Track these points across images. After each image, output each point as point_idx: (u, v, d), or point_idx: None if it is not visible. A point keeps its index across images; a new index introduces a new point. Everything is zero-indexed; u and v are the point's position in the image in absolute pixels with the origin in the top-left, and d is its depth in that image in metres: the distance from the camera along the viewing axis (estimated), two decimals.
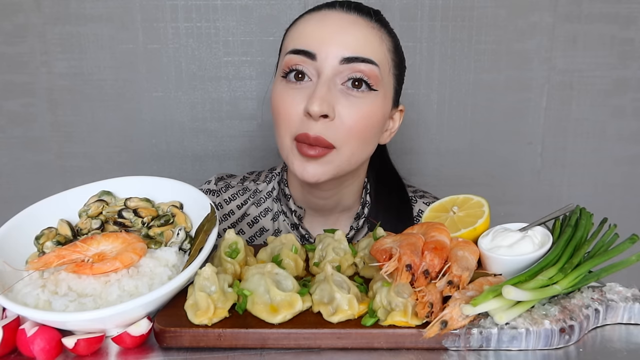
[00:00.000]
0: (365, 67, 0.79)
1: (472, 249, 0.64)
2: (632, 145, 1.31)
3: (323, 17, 0.82)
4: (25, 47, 1.21)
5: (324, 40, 0.79)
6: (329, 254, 0.69)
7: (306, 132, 0.78)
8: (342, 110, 0.79)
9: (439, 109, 1.28)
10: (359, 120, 0.79)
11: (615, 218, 0.70)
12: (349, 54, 0.78)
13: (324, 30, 0.80)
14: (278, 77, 0.84)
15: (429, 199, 0.99)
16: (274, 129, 0.85)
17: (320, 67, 0.79)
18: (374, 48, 0.81)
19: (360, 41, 0.80)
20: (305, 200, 0.93)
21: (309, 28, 0.82)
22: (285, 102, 0.81)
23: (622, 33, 1.24)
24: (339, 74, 0.79)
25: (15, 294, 0.60)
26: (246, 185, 0.98)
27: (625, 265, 0.61)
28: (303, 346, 0.57)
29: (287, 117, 0.80)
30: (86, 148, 1.27)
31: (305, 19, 0.84)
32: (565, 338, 0.57)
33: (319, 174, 0.80)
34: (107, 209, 0.73)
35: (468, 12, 1.22)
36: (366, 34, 0.81)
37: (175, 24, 1.21)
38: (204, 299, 0.58)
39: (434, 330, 0.55)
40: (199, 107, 1.26)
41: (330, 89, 0.78)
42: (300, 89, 0.80)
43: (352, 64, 0.78)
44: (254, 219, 0.96)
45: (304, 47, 0.80)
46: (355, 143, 0.81)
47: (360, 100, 0.80)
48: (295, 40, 0.82)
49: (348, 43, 0.79)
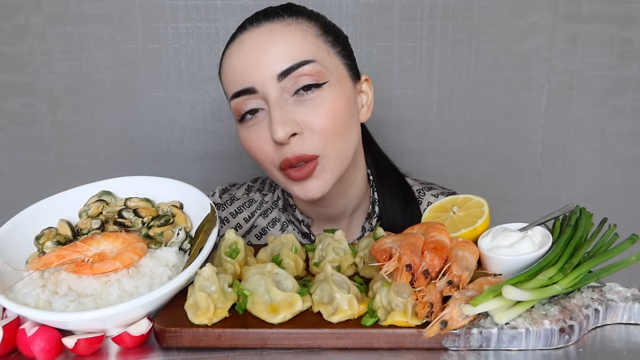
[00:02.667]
0: (303, 69, 0.76)
1: (472, 249, 0.64)
2: (632, 145, 1.31)
3: (239, 45, 0.79)
4: (25, 47, 1.21)
5: (252, 69, 0.76)
6: (329, 254, 0.69)
7: (285, 157, 0.76)
8: (304, 118, 0.76)
9: (439, 109, 1.28)
10: (326, 119, 0.77)
11: (615, 218, 0.70)
12: (282, 67, 0.75)
13: (246, 58, 0.77)
14: (235, 121, 0.83)
15: (437, 190, 0.97)
16: (262, 167, 0.84)
17: (264, 94, 0.76)
18: (301, 45, 0.77)
19: (284, 48, 0.76)
20: (311, 210, 0.91)
21: (233, 64, 0.79)
22: (253, 141, 0.79)
23: (622, 33, 1.25)
24: (284, 89, 0.76)
25: (15, 294, 0.60)
26: (252, 196, 0.97)
27: (625, 265, 0.61)
28: (303, 346, 0.57)
29: (262, 154, 0.79)
30: (86, 148, 1.27)
31: (227, 55, 0.81)
32: (565, 338, 0.57)
33: (320, 188, 0.79)
34: (107, 209, 0.73)
35: (468, 12, 1.22)
36: (285, 36, 0.77)
37: (175, 24, 1.21)
38: (204, 299, 0.58)
39: (434, 330, 0.55)
40: (199, 107, 1.26)
41: (283, 108, 0.76)
42: (258, 122, 0.78)
43: (290, 74, 0.75)
44: (262, 230, 0.95)
45: (239, 87, 0.78)
46: (334, 140, 0.78)
47: (316, 100, 0.77)
48: (230, 83, 0.80)
49: (275, 58, 0.76)
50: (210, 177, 1.29)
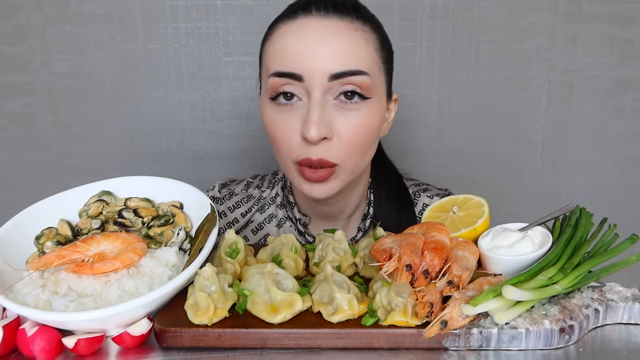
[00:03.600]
0: (356, 79, 0.75)
1: (472, 249, 0.64)
2: (632, 145, 1.31)
3: (301, 28, 0.76)
4: (25, 47, 1.21)
5: (308, 57, 0.74)
6: (329, 254, 0.69)
7: (308, 157, 0.76)
8: (339, 126, 0.76)
9: (439, 109, 1.28)
10: (357, 134, 0.77)
11: (615, 218, 0.70)
12: (337, 69, 0.74)
13: (306, 44, 0.75)
14: (265, 97, 0.80)
15: (432, 191, 0.97)
16: (273, 150, 0.83)
17: (308, 87, 0.75)
18: (361, 55, 0.76)
19: (347, 52, 0.75)
20: (311, 208, 0.92)
21: (289, 44, 0.76)
22: (280, 127, 0.78)
23: (622, 33, 1.25)
24: (329, 90, 0.75)
25: (15, 294, 0.60)
26: (250, 192, 0.97)
27: (625, 265, 0.61)
28: (303, 346, 0.57)
29: (285, 143, 0.78)
30: (86, 148, 1.27)
31: (282, 30, 0.78)
32: (565, 338, 0.57)
33: (326, 191, 0.79)
34: (107, 209, 0.73)
35: (468, 12, 1.22)
36: (351, 41, 0.76)
37: (175, 24, 1.21)
38: (204, 299, 0.58)
39: (434, 330, 0.55)
40: (199, 107, 1.26)
41: (323, 109, 0.75)
42: (292, 110, 0.77)
43: (341, 78, 0.74)
44: (258, 226, 0.95)
45: (287, 69, 0.75)
46: (356, 155, 0.79)
47: (356, 112, 0.76)
48: (277, 61, 0.77)
49: (334, 56, 0.74)
50: (210, 177, 1.29)
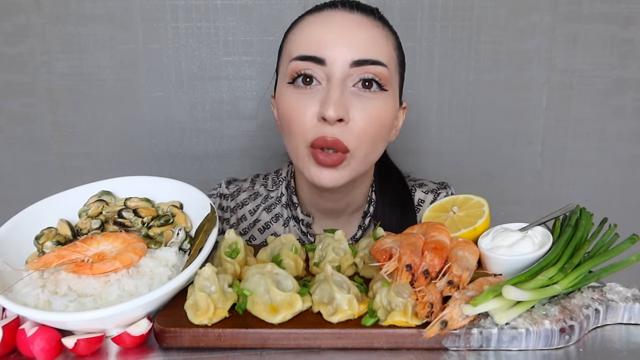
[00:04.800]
0: (375, 69, 0.78)
1: (472, 249, 0.64)
2: (632, 145, 1.31)
3: (327, 19, 0.80)
4: (25, 47, 1.21)
5: (332, 44, 0.77)
6: (329, 254, 0.69)
7: (323, 136, 0.76)
8: (355, 112, 0.77)
9: (439, 109, 1.28)
10: (372, 121, 0.78)
11: (615, 218, 0.70)
12: (359, 56, 0.77)
13: (331, 33, 0.78)
14: (283, 83, 0.82)
15: (427, 187, 0.99)
16: (285, 136, 0.83)
17: (329, 71, 0.77)
18: (382, 48, 0.80)
19: (369, 42, 0.78)
20: (314, 204, 0.92)
21: (314, 31, 0.79)
22: (296, 108, 0.79)
23: (622, 33, 1.24)
24: (349, 76, 0.77)
25: (15, 294, 0.60)
26: (257, 189, 0.97)
27: (625, 265, 0.61)
28: (303, 346, 0.57)
29: (300, 123, 0.78)
30: (86, 148, 1.27)
31: (308, 21, 0.82)
32: (565, 338, 0.57)
33: (335, 179, 0.79)
34: (107, 209, 0.73)
35: (468, 12, 1.22)
36: (373, 34, 0.79)
37: (175, 24, 1.21)
38: (204, 299, 0.58)
39: (434, 330, 0.55)
40: (199, 107, 1.26)
41: (343, 92, 0.77)
42: (310, 93, 0.78)
43: (362, 66, 0.77)
44: (265, 225, 0.96)
45: (311, 52, 0.78)
46: (368, 144, 0.80)
47: (372, 101, 0.79)
48: (302, 46, 0.79)
49: (357, 45, 0.77)
50: (210, 177, 1.29)
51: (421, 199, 0.97)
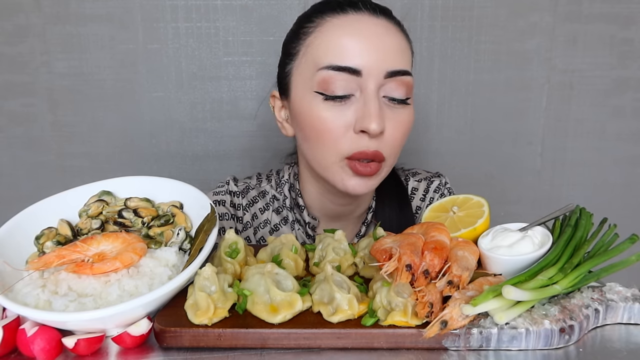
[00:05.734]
0: (406, 79, 0.78)
1: (472, 249, 0.64)
2: (632, 145, 1.31)
3: (355, 24, 0.77)
4: (25, 47, 1.21)
5: (367, 54, 0.75)
6: (329, 254, 0.69)
7: (364, 150, 0.77)
8: (389, 123, 0.78)
9: (439, 109, 1.28)
10: (403, 131, 0.80)
11: (615, 218, 0.70)
12: (392, 67, 0.76)
13: (364, 42, 0.76)
14: (307, 90, 0.79)
15: (420, 175, 1.00)
16: (309, 145, 0.82)
17: (364, 82, 0.76)
18: (408, 57, 0.80)
19: (399, 51, 0.78)
20: (322, 208, 0.92)
21: (345, 39, 0.76)
22: (327, 120, 0.77)
23: (622, 33, 1.25)
24: (382, 86, 0.77)
25: (15, 294, 0.60)
26: (264, 187, 0.96)
27: (625, 265, 0.61)
28: (303, 346, 0.57)
29: (333, 136, 0.77)
30: (86, 148, 1.27)
31: (332, 24, 0.78)
32: (565, 338, 0.57)
33: (369, 186, 0.81)
34: (107, 209, 0.73)
35: (468, 12, 1.22)
36: (400, 42, 0.79)
37: (175, 24, 1.21)
38: (204, 299, 0.58)
39: (434, 330, 0.55)
40: (199, 107, 1.26)
41: (380, 104, 0.77)
42: (345, 104, 0.77)
43: (394, 77, 0.77)
44: (274, 227, 0.95)
45: (345, 63, 0.75)
46: (397, 152, 0.82)
47: (402, 111, 0.79)
48: (332, 55, 0.76)
49: (389, 55, 0.76)
50: (210, 177, 1.29)
51: (414, 188, 0.97)
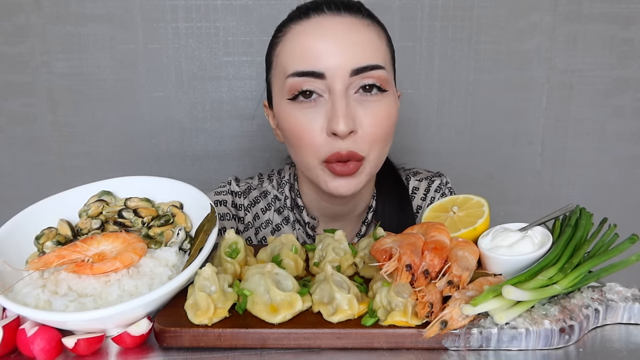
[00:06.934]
0: (375, 73, 0.76)
1: (472, 249, 0.64)
2: (632, 145, 1.31)
3: (317, 26, 0.77)
4: (25, 47, 1.21)
5: (328, 55, 0.75)
6: (329, 254, 0.69)
7: (337, 152, 0.76)
8: (362, 119, 0.77)
9: (439, 109, 1.28)
10: (380, 124, 0.78)
11: (615, 218, 0.70)
12: (358, 64, 0.75)
13: (325, 43, 0.75)
14: (281, 99, 0.79)
15: (422, 174, 0.99)
16: (293, 150, 0.82)
17: (330, 84, 0.75)
18: (377, 49, 0.78)
19: (365, 47, 0.76)
20: (320, 209, 0.91)
21: (307, 43, 0.76)
22: (304, 125, 0.77)
23: (622, 33, 1.25)
24: (350, 84, 0.76)
25: (15, 294, 0.60)
26: (266, 187, 0.96)
27: (625, 265, 0.61)
28: (303, 346, 0.57)
29: (310, 141, 0.77)
30: (86, 148, 1.27)
31: (296, 30, 0.78)
32: (565, 338, 0.57)
33: (353, 186, 0.79)
34: (107, 209, 0.73)
35: (468, 12, 1.22)
36: (367, 35, 0.77)
37: (175, 24, 1.21)
38: (204, 299, 0.58)
39: (434, 330, 0.55)
40: (199, 107, 1.26)
41: (348, 103, 0.75)
42: (313, 107, 0.77)
43: (362, 73, 0.76)
44: (276, 227, 0.95)
45: (308, 67, 0.75)
46: (380, 147, 0.80)
47: (376, 104, 0.78)
48: (296, 61, 0.77)
49: (353, 52, 0.75)
50: (210, 177, 1.29)
51: (415, 187, 0.97)
